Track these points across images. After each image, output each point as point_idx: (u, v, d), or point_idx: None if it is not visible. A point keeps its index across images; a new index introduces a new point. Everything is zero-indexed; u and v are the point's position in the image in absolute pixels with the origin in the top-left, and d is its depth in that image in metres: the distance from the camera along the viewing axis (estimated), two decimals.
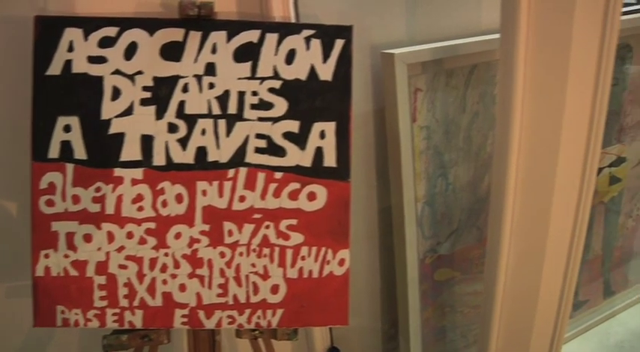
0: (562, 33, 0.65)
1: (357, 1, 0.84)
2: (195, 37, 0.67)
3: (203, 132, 0.68)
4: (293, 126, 0.68)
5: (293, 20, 0.75)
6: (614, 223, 1.29)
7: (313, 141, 0.68)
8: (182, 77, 0.67)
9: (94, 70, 0.64)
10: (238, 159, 0.68)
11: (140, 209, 0.68)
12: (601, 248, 1.29)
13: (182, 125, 0.67)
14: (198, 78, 0.67)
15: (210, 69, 0.67)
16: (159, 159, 0.68)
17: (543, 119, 0.70)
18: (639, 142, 1.23)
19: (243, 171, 0.68)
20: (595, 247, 1.28)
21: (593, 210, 1.20)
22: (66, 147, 0.65)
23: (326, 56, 0.68)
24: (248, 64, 0.67)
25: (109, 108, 0.65)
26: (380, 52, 0.83)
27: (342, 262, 0.71)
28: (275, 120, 0.68)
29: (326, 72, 0.68)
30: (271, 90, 0.68)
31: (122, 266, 0.69)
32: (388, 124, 0.85)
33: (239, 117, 0.68)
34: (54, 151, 0.65)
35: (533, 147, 0.72)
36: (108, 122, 0.65)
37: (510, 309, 0.86)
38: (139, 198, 0.68)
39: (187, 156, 0.68)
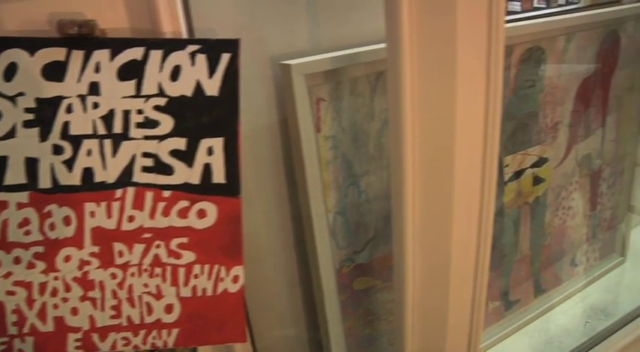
0: (446, 39, 0.68)
1: (257, 13, 0.85)
2: (77, 56, 0.68)
3: (89, 152, 0.68)
4: (180, 143, 0.69)
5: (185, 35, 0.76)
6: (540, 223, 1.34)
7: (201, 157, 0.70)
8: (65, 97, 0.68)
9: None
10: (125, 178, 0.69)
11: (27, 233, 0.69)
12: (529, 247, 1.34)
13: (67, 146, 0.68)
14: (82, 98, 0.68)
15: (94, 88, 0.68)
16: (44, 182, 0.68)
17: (435, 126, 0.73)
18: (560, 142, 1.28)
19: (131, 190, 0.69)
20: (523, 247, 1.33)
21: (518, 211, 1.24)
22: None
23: (212, 71, 0.70)
24: (132, 82, 0.68)
25: None
26: (279, 63, 0.84)
27: (236, 279, 0.72)
28: (161, 138, 0.69)
29: (212, 87, 0.69)
30: (157, 107, 0.69)
31: (10, 293, 0.69)
32: (291, 136, 0.87)
33: (125, 136, 0.69)
34: None
35: (428, 155, 0.75)
36: None
37: (422, 318, 0.88)
38: (25, 222, 0.68)
39: (74, 178, 0.68)
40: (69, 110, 0.68)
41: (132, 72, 0.69)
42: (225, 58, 0.70)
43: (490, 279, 1.23)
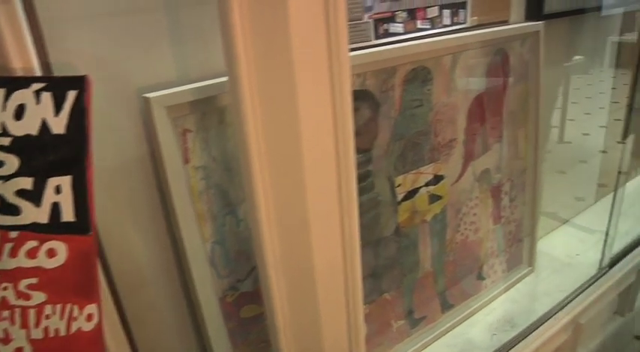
0: (284, 72, 0.71)
1: (121, 45, 0.88)
2: None
3: None
4: (26, 183, 0.71)
5: (37, 70, 0.77)
6: (441, 240, 1.39)
7: (49, 196, 0.71)
8: None
9: None
10: None
11: None
12: (431, 265, 1.39)
13: None
14: None
15: None
16: None
17: (283, 157, 0.76)
18: (456, 159, 1.34)
19: None
20: (425, 265, 1.38)
21: (416, 230, 1.29)
22: None
23: (58, 109, 0.71)
24: None
25: None
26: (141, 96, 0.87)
27: (90, 317, 0.74)
28: (6, 178, 0.70)
29: (59, 125, 0.71)
30: (1, 147, 0.70)
31: None
32: (159, 168, 0.89)
33: None
34: None
35: (280, 186, 0.78)
36: None
37: (296, 339, 0.91)
38: None
39: None
40: None
41: None
42: (72, 95, 0.72)
43: (392, 299, 1.28)
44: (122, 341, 0.90)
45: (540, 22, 1.50)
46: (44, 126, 0.71)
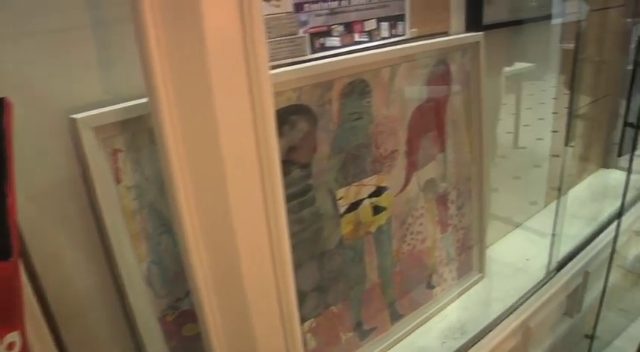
0: (203, 95, 0.72)
1: (46, 65, 0.87)
2: None
3: None
4: None
5: None
6: (387, 250, 1.41)
7: None
8: None
9: None
10: None
11: None
12: (378, 276, 1.41)
13: None
14: None
15: None
16: None
17: (204, 169, 0.77)
18: (399, 170, 1.37)
19: None
20: (372, 276, 1.40)
21: (361, 241, 1.31)
22: None
23: None
24: None
25: None
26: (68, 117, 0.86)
27: (11, 346, 0.73)
28: None
29: None
30: None
31: None
32: (90, 189, 0.88)
33: None
34: None
35: (204, 201, 0.78)
36: None
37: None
38: None
39: None
40: None
41: None
42: None
43: (340, 311, 1.29)
44: None
45: (480, 33, 1.53)
46: None
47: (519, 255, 2.04)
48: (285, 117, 1.12)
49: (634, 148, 1.83)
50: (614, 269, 2.52)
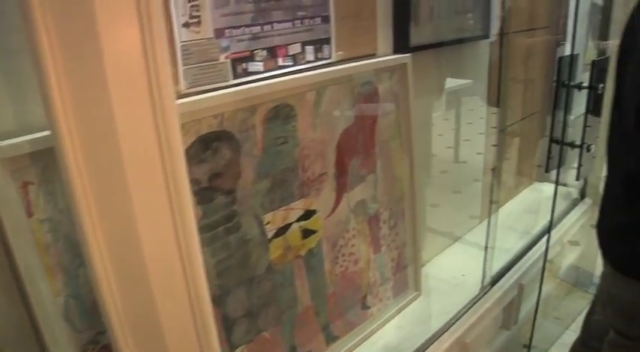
0: (107, 135, 0.71)
1: None
2: None
3: None
4: None
5: None
6: (319, 273, 1.42)
7: None
8: None
9: None
10: None
11: None
12: (310, 299, 1.41)
13: None
14: None
15: None
16: None
17: (110, 202, 0.76)
18: (328, 192, 1.38)
19: None
20: (304, 299, 1.40)
21: (290, 265, 1.31)
22: None
23: None
24: None
25: None
26: None
27: None
28: None
29: None
30: None
31: None
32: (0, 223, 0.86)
33: None
34: None
35: (113, 237, 0.77)
36: None
37: None
38: None
39: None
40: None
41: None
42: None
43: (272, 336, 1.29)
44: None
45: (407, 55, 1.57)
46: None
47: (457, 270, 2.08)
48: (207, 143, 1.12)
49: (559, 164, 1.89)
50: (549, 279, 2.60)
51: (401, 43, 1.60)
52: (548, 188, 2.88)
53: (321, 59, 1.37)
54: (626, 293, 1.35)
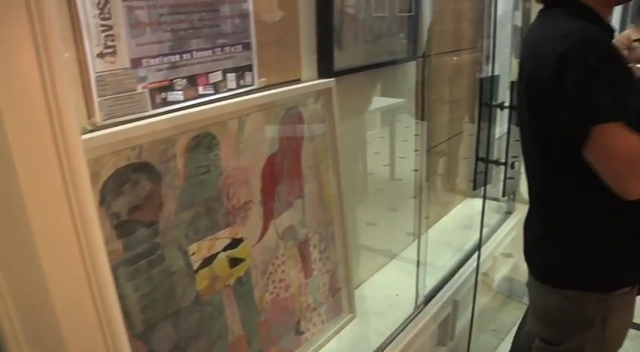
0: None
1: None
2: None
3: None
4: None
5: None
6: (249, 301, 1.40)
7: None
8: None
9: None
10: None
11: None
12: (242, 328, 1.39)
13: None
14: None
15: None
16: None
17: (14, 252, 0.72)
18: (254, 220, 1.36)
19: None
20: (235, 329, 1.37)
21: (219, 295, 1.29)
22: None
23: None
24: None
25: None
26: None
27: None
28: None
29: None
30: None
31: None
32: None
33: None
34: None
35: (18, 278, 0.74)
36: None
37: None
38: None
39: None
40: None
41: None
42: None
43: None
44: None
45: (332, 79, 1.58)
46: None
47: (392, 289, 2.10)
48: (126, 176, 1.09)
49: (486, 182, 1.94)
50: (483, 292, 2.64)
51: (325, 68, 1.61)
52: (480, 203, 2.94)
53: (244, 86, 1.36)
54: (544, 300, 1.40)
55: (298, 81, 1.54)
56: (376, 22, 1.89)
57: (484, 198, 1.97)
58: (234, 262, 1.34)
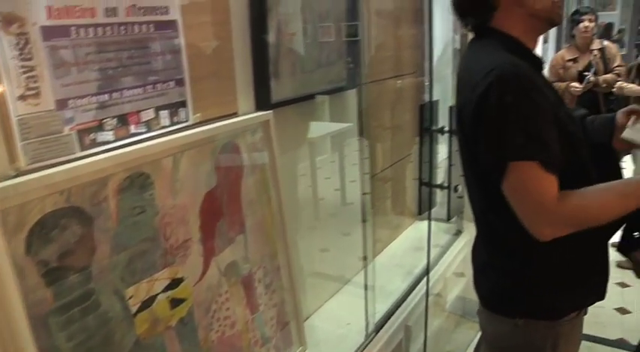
0: None
1: None
2: None
3: None
4: None
5: None
6: (193, 342, 1.36)
7: None
8: None
9: None
10: None
11: None
12: None
13: None
14: None
15: None
16: None
17: None
18: (194, 258, 1.33)
19: None
20: None
21: (160, 338, 1.25)
22: None
23: None
24: None
25: None
26: None
27: None
28: None
29: None
30: None
31: None
32: None
33: None
34: None
35: None
36: None
37: None
38: None
39: None
40: None
41: None
42: None
43: None
44: None
45: (269, 112, 1.57)
46: None
47: (344, 317, 2.08)
48: (54, 221, 1.05)
49: (430, 206, 1.95)
50: (437, 313, 2.65)
51: (263, 100, 1.61)
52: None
53: (178, 123, 1.34)
54: (494, 328, 1.40)
55: (235, 114, 1.53)
56: (315, 51, 1.90)
57: (429, 221, 1.98)
58: (176, 303, 1.30)
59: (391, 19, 2.55)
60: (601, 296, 1.36)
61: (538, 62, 1.30)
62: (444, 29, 2.96)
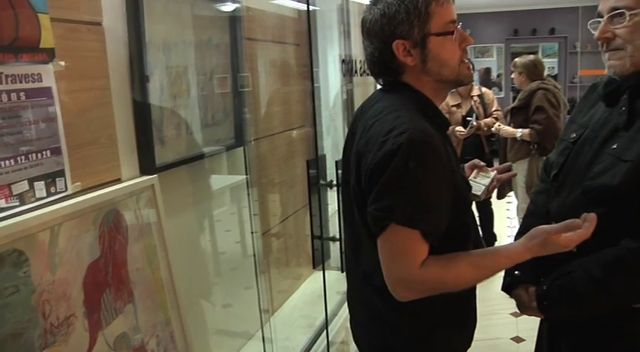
0: None
1: None
2: None
3: None
4: None
5: None
6: None
7: None
8: None
9: None
10: None
11: None
12: None
13: None
14: None
15: None
16: None
17: None
18: (79, 335, 1.26)
19: None
20: None
21: None
22: None
23: None
24: None
25: None
26: None
27: None
28: None
29: None
30: None
31: None
32: None
33: None
34: None
35: None
36: None
37: None
38: None
39: None
40: None
41: None
42: None
43: None
44: None
45: (154, 176, 1.54)
46: None
47: None
48: None
49: (323, 259, 1.97)
50: None
51: (147, 165, 1.58)
52: (328, 275, 2.98)
53: (56, 193, 1.28)
54: None
55: (119, 181, 1.48)
56: (201, 111, 1.90)
57: (323, 274, 1.99)
58: None
59: (279, 74, 2.60)
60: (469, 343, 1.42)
61: (445, 123, 1.36)
62: (334, 83, 3.04)
